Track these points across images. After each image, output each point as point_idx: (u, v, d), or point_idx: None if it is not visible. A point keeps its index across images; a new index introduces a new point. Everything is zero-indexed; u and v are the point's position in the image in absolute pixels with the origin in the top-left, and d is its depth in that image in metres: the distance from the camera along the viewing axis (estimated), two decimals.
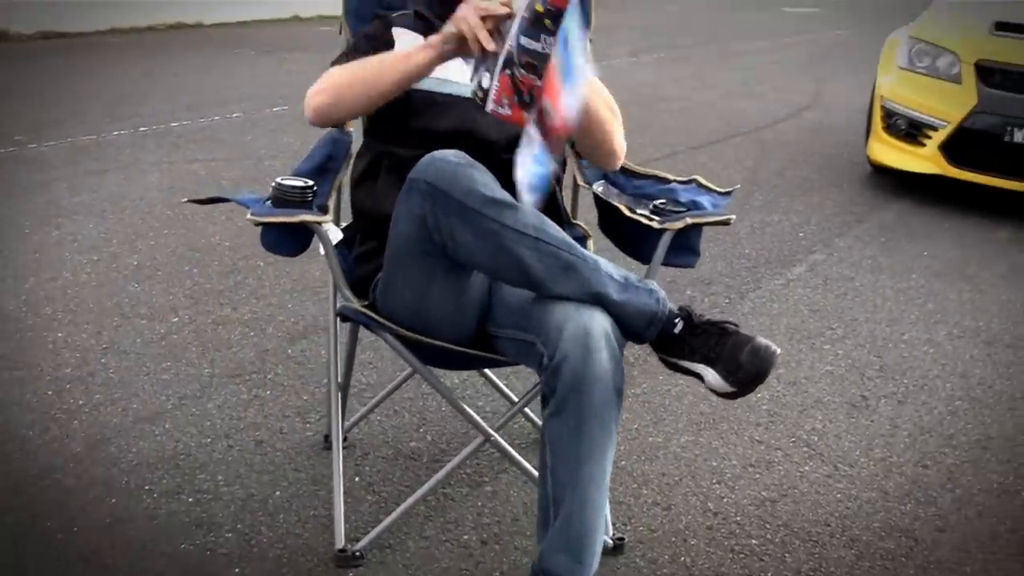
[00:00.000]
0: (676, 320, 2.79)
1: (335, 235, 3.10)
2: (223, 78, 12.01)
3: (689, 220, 3.14)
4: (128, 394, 4.23)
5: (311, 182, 3.09)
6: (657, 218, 3.21)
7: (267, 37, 15.76)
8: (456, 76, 3.05)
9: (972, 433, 4.27)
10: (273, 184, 3.03)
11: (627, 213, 3.28)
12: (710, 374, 2.77)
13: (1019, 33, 7.82)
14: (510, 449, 3.22)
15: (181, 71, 12.26)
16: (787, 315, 5.45)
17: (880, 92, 8.24)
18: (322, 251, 3.06)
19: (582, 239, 3.43)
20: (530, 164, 2.57)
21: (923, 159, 7.80)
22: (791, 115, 11.28)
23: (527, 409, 3.58)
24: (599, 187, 3.55)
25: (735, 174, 8.38)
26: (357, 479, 3.69)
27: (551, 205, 3.26)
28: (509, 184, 2.66)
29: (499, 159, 2.92)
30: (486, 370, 4.10)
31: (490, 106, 2.61)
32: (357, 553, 3.18)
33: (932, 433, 4.25)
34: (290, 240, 3.06)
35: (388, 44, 3.18)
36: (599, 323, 2.66)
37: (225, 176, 7.52)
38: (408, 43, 3.16)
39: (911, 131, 7.86)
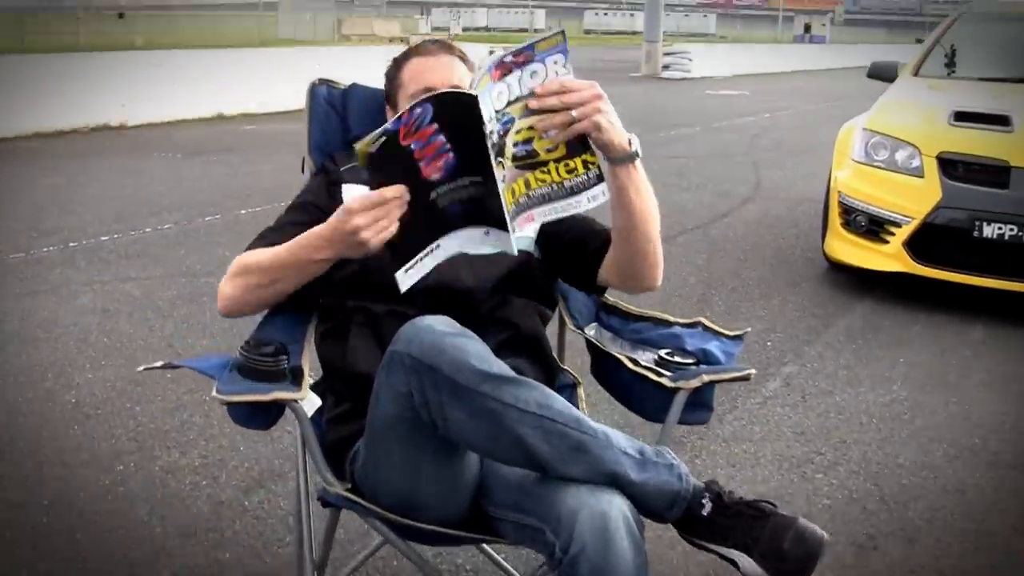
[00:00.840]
0: (703, 500, 2.45)
1: (312, 405, 2.73)
2: (151, 184, 11.68)
3: (706, 378, 2.82)
4: (76, 562, 3.85)
5: (281, 343, 2.73)
6: (668, 374, 2.88)
7: (192, 137, 15.50)
8: None
9: None
10: (240, 350, 2.67)
11: (630, 366, 2.95)
12: (747, 561, 2.42)
13: (980, 123, 7.65)
14: None
15: (108, 178, 11.97)
16: (770, 439, 5.13)
17: (836, 187, 7.97)
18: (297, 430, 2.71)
19: (572, 387, 3.15)
20: None
21: (887, 257, 7.56)
22: (734, 208, 11.11)
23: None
24: (591, 331, 3.23)
25: (689, 276, 8.12)
26: None
27: (537, 351, 2.98)
28: (498, 339, 2.51)
29: (481, 311, 2.72)
30: None
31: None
32: None
33: None
34: (262, 415, 2.71)
35: (328, 213, 2.65)
36: (617, 507, 2.33)
37: (161, 296, 7.15)
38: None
39: (872, 228, 7.62)
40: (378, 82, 3.27)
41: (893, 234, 7.50)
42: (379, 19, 66.00)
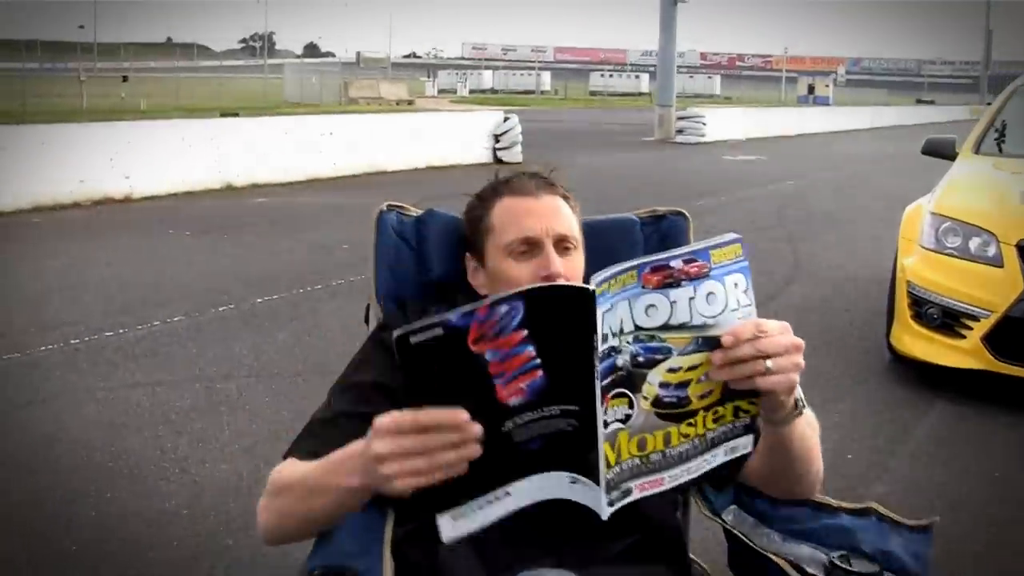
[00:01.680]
0: None
1: None
2: (159, 267, 11.11)
3: None
4: None
5: (355, 567, 2.07)
6: None
7: (201, 212, 15.02)
8: None
9: None
10: None
11: (793, 574, 2.28)
12: None
13: None
14: None
15: (112, 259, 11.44)
16: None
17: (904, 276, 7.34)
18: None
19: None
20: None
21: (963, 353, 6.92)
22: (779, 291, 10.51)
23: None
24: (730, 516, 2.54)
25: None
26: None
27: (676, 553, 2.42)
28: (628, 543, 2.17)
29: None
30: None
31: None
32: None
33: None
34: None
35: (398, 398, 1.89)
36: None
37: (173, 406, 6.48)
38: None
39: (947, 321, 6.99)
40: (397, 152, 2.60)
41: (970, 328, 6.87)
42: (385, 81, 66.06)
